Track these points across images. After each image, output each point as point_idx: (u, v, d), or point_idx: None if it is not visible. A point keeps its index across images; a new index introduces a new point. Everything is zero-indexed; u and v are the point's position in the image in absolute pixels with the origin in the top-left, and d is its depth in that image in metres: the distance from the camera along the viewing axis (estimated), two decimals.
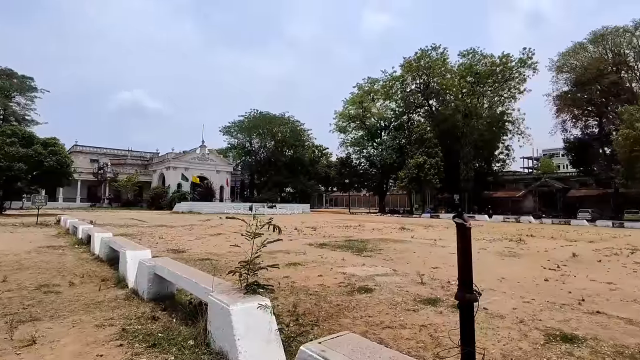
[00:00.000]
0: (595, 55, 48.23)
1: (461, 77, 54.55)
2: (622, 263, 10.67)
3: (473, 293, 1.91)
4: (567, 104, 50.62)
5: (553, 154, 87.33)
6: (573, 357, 3.86)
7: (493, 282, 7.58)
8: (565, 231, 24.96)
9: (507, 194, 58.78)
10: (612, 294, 6.86)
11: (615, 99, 46.82)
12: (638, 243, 16.88)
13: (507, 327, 4.78)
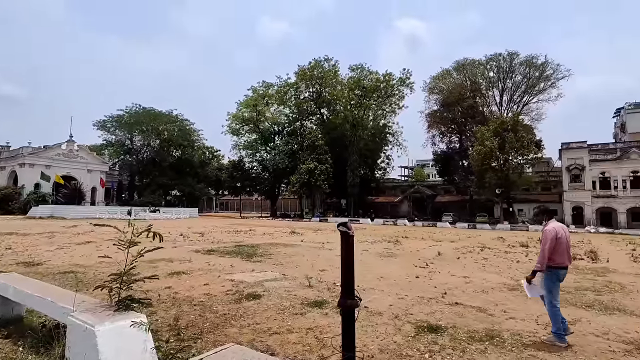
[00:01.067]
0: (458, 82, 56.59)
1: (350, 89, 58.36)
2: (474, 259, 12.58)
3: (354, 299, 2.01)
4: (436, 121, 58.19)
5: (425, 165, 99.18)
6: (437, 345, 4.35)
7: (373, 281, 8.18)
8: (432, 232, 28.50)
9: (387, 199, 64.69)
10: (466, 286, 8.01)
11: (472, 120, 55.45)
12: (486, 242, 20.14)
13: (384, 323, 5.18)
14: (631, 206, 43.92)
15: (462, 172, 56.33)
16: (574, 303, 6.63)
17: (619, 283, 8.64)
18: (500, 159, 43.80)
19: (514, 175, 44.62)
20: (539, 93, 53.69)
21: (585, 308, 6.31)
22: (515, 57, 52.95)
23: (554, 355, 4.15)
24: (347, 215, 54.93)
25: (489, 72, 55.55)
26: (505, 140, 42.73)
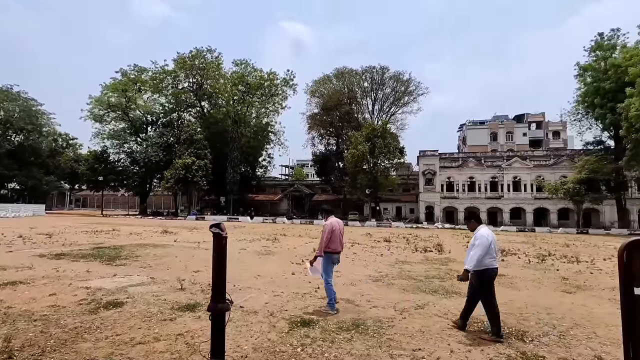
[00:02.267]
0: (337, 88, 60.29)
1: (234, 84, 56.88)
2: (345, 254, 13.54)
3: (225, 302, 1.95)
4: (316, 124, 60.88)
5: (304, 165, 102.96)
6: (309, 339, 4.55)
7: (250, 280, 8.14)
8: (309, 230, 29.77)
9: (267, 197, 65.07)
10: (337, 280, 8.53)
11: (348, 125, 59.66)
12: (356, 238, 21.94)
13: (260, 321, 5.20)
14: (467, 205, 53.09)
15: (338, 173, 60.19)
16: (423, 290, 7.69)
17: (457, 270, 10.32)
18: (370, 162, 48.17)
19: (382, 178, 49.57)
20: (404, 105, 60.96)
21: (432, 293, 7.38)
22: (386, 71, 58.99)
23: (406, 336, 4.75)
24: (226, 213, 53.45)
25: (364, 82, 60.68)
26: (375, 145, 47.18)
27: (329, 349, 4.24)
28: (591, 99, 40.68)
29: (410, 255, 13.94)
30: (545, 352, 4.33)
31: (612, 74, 37.89)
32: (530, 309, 6.34)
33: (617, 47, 40.90)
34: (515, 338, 4.78)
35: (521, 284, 8.54)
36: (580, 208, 43.51)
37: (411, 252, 14.87)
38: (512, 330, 5.07)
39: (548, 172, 50.48)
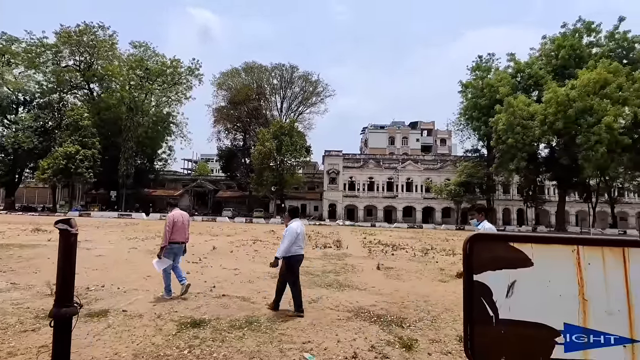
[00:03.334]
0: (246, 82, 59.11)
1: (131, 67, 51.86)
2: (246, 252, 13.39)
3: (74, 306, 1.75)
4: (223, 118, 58.85)
5: (209, 159, 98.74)
6: (198, 339, 4.37)
7: (139, 281, 7.52)
8: (211, 227, 28.64)
9: (166, 192, 60.83)
10: (235, 278, 8.42)
11: (256, 121, 58.94)
12: (259, 235, 21.78)
13: (144, 325, 4.83)
14: (367, 204, 56.69)
15: (244, 169, 59.11)
16: (319, 284, 7.97)
17: (352, 265, 10.96)
18: (277, 159, 48.32)
19: (288, 175, 50.11)
20: (312, 105, 62.52)
21: (326, 287, 7.70)
22: (295, 70, 59.76)
23: (298, 330, 4.87)
24: (117, 209, 48.54)
25: (273, 79, 60.61)
26: (282, 143, 47.48)
27: (218, 348, 4.14)
28: (470, 112, 46.73)
29: (310, 251, 14.33)
30: (419, 335, 4.83)
31: (487, 92, 44.00)
32: (411, 297, 7.02)
33: (491, 69, 47.63)
34: (396, 325, 5.24)
35: (406, 276, 9.41)
36: (459, 207, 49.66)
37: (311, 248, 15.30)
38: (394, 318, 5.55)
39: (435, 175, 56.49)
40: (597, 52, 42.09)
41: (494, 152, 43.01)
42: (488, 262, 1.95)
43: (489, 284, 1.93)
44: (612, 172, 38.69)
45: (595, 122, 33.00)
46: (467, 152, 54.06)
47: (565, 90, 35.49)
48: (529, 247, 1.98)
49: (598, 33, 42.75)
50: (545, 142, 41.13)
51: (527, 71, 44.92)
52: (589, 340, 1.91)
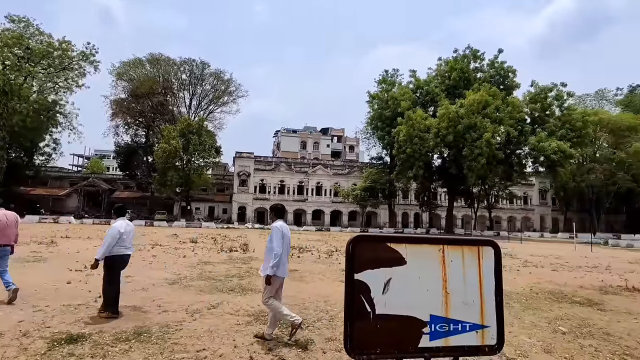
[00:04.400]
0: (151, 75, 54.87)
1: (6, 44, 44.32)
2: (142, 257, 12.36)
3: None
4: (122, 111, 53.73)
5: (104, 156, 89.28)
6: (74, 357, 3.89)
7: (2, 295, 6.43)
8: (103, 231, 25.84)
9: (49, 191, 53.37)
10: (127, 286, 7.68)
11: (161, 117, 55.04)
12: (159, 239, 20.33)
13: (4, 345, 4.14)
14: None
15: (146, 168, 54.74)
16: (220, 289, 7.72)
17: (257, 268, 10.81)
18: (183, 158, 45.73)
19: (195, 176, 47.68)
20: (223, 105, 60.53)
21: (228, 292, 7.49)
22: (207, 67, 57.32)
23: (193, 338, 4.64)
24: None
25: (182, 74, 57.27)
26: (190, 141, 45.08)
27: None
28: (376, 122, 49.92)
29: (214, 255, 13.83)
30: (316, 335, 4.96)
31: (391, 104, 47.48)
32: (313, 298, 7.19)
33: (396, 84, 51.55)
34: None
35: (309, 278, 9.62)
36: (364, 211, 52.58)
37: (216, 252, 14.78)
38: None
39: (343, 180, 59.01)
40: (481, 76, 48.38)
41: (395, 160, 46.46)
42: (368, 262, 2.10)
43: (368, 281, 2.07)
44: (490, 181, 44.74)
45: (478, 137, 37.83)
46: (373, 159, 57.61)
47: (455, 108, 40.05)
48: (403, 247, 2.17)
49: (482, 60, 49.18)
50: (438, 153, 45.81)
51: (425, 88, 49.64)
52: (449, 328, 2.16)
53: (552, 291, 8.72)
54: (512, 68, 47.44)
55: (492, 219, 56.95)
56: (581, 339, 5.13)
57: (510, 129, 39.82)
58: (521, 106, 43.33)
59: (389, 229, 49.36)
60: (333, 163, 65.36)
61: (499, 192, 55.03)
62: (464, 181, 42.70)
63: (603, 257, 19.19)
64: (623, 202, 61.31)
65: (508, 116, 40.20)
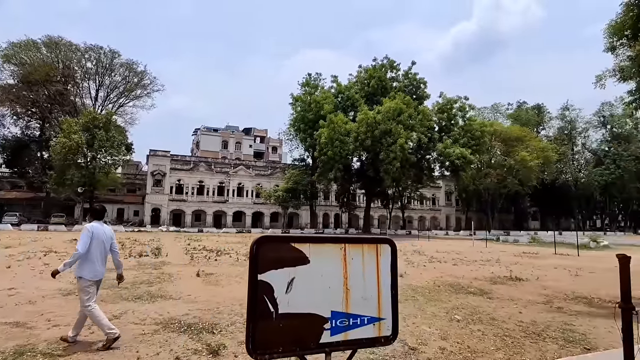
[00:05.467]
0: (48, 60, 48.64)
1: None
2: (32, 266, 10.90)
3: None
4: (10, 99, 46.80)
5: None
6: None
7: None
8: None
9: None
10: (9, 299, 6.74)
11: (60, 108, 49.11)
12: (55, 245, 18.11)
13: None
14: (195, 209, 54.22)
15: (40, 165, 48.42)
16: (126, 297, 7.13)
17: (169, 273, 10.22)
18: (87, 155, 41.36)
19: (101, 175, 43.36)
20: (136, 99, 55.99)
21: (134, 300, 6.95)
22: (117, 56, 52.53)
23: (88, 353, 4.22)
24: None
25: (87, 61, 51.76)
26: (95, 137, 40.90)
27: None
28: (299, 124, 50.44)
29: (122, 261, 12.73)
30: (229, 339, 4.84)
31: (314, 107, 48.37)
32: (228, 302, 7.00)
33: (318, 87, 52.64)
34: (207, 332, 5.12)
35: (225, 281, 9.35)
36: (286, 212, 52.74)
37: (124, 257, 13.61)
38: (206, 325, 5.42)
39: (266, 181, 58.54)
40: (397, 85, 51.70)
41: (317, 162, 47.41)
42: (271, 262, 2.11)
43: (272, 282, 2.09)
44: (403, 183, 47.98)
45: (393, 142, 40.34)
46: (295, 160, 58.09)
47: (373, 114, 42.22)
48: (307, 247, 2.23)
49: (398, 71, 52.57)
50: (357, 156, 47.84)
51: (346, 93, 51.51)
52: (349, 323, 2.27)
53: (451, 284, 9.63)
54: (423, 80, 51.48)
55: (405, 219, 61.10)
56: (472, 325, 5.75)
57: (421, 135, 43.15)
58: (431, 115, 47.25)
59: (310, 230, 50.20)
60: (255, 164, 64.46)
61: (411, 193, 59.29)
62: (380, 183, 45.15)
63: (495, 251, 21.74)
64: (512, 203, 70.33)
65: (419, 124, 43.53)
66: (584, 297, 8.22)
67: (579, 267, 13.91)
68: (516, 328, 5.63)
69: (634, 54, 11.49)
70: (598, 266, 14.17)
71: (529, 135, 59.87)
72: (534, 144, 58.33)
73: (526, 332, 5.40)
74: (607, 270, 12.38)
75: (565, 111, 73.96)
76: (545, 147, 60.22)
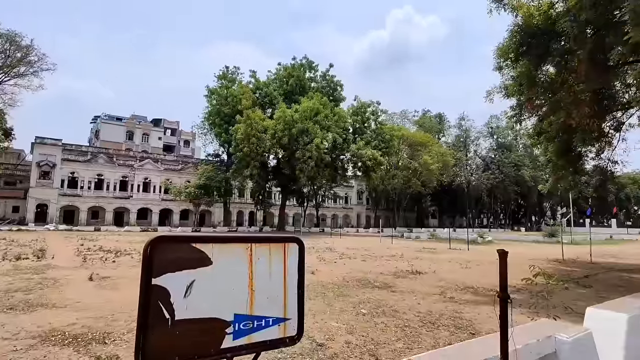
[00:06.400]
0: None
1: None
2: None
3: None
4: None
5: None
6: None
7: None
8: None
9: None
10: None
11: None
12: None
13: None
14: (92, 205, 48.79)
15: None
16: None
17: (53, 278, 8.99)
18: None
19: None
20: (18, 77, 48.24)
21: (6, 311, 5.96)
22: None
23: None
24: None
25: None
26: None
27: None
28: (214, 118, 48.52)
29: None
30: (123, 349, 4.40)
31: (231, 102, 46.94)
32: (125, 307, 6.38)
33: (236, 81, 51.19)
34: (97, 342, 4.60)
35: (124, 285, 8.54)
36: (198, 209, 50.32)
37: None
38: (96, 335, 4.86)
39: (176, 176, 55.14)
40: (315, 86, 52.67)
41: (232, 158, 46.05)
42: (169, 264, 1.93)
43: (168, 286, 1.91)
44: (318, 182, 49.07)
45: (309, 141, 41.00)
46: (209, 155, 55.70)
47: (291, 112, 42.41)
48: (210, 247, 2.09)
49: (316, 71, 53.57)
50: (274, 154, 47.61)
51: (265, 90, 50.97)
52: (253, 325, 2.18)
53: (359, 279, 10.09)
54: (340, 82, 53.25)
55: (319, 217, 62.60)
56: (376, 318, 6.07)
57: (336, 136, 44.57)
58: (346, 117, 49.08)
59: (224, 228, 48.61)
60: (165, 158, 60.18)
61: (325, 192, 60.99)
62: (296, 181, 45.57)
63: (399, 247, 23.41)
64: (415, 202, 76.56)
65: (335, 125, 44.92)
66: (471, 287, 9.25)
67: (468, 260, 15.65)
68: (415, 318, 6.08)
69: (515, 74, 13.29)
70: (483, 259, 16.11)
71: (431, 141, 65.68)
72: (435, 149, 64.17)
73: (423, 322, 5.87)
74: (490, 263, 14.14)
75: (462, 121, 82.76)
76: (444, 153, 66.65)
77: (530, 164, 73.59)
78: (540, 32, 11.60)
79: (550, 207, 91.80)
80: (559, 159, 14.83)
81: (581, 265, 14.51)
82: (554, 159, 15.37)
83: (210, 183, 47.54)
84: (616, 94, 12.89)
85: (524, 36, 11.90)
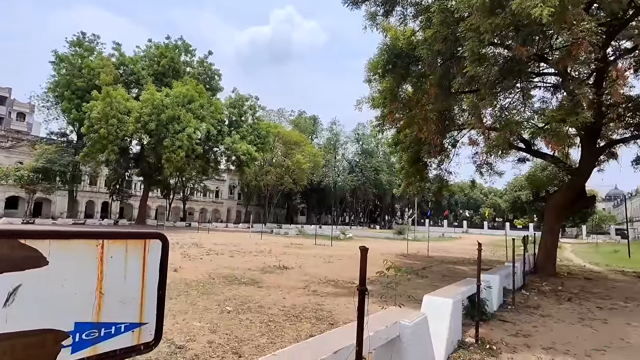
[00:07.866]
0: None
1: None
2: None
3: None
4: None
5: None
6: None
7: None
8: None
9: None
10: None
11: None
12: None
13: None
14: None
15: None
16: None
17: None
18: None
19: None
20: None
21: None
22: None
23: None
24: None
25: None
26: None
27: None
28: (63, 90, 41.22)
29: None
30: None
31: (86, 74, 40.54)
32: None
33: (94, 51, 44.40)
34: None
35: None
36: (32, 197, 42.07)
37: None
38: None
39: (3, 155, 45.09)
40: (190, 71, 49.38)
41: (84, 139, 39.86)
42: None
43: None
44: (187, 174, 46.18)
45: (181, 130, 38.26)
46: (52, 134, 47.06)
47: (161, 96, 38.86)
48: (46, 244, 1.72)
49: (193, 56, 50.28)
50: (137, 139, 42.97)
51: (131, 67, 45.57)
52: (100, 334, 1.89)
53: (226, 275, 9.85)
54: (218, 72, 51.14)
55: (185, 210, 59.01)
56: (241, 315, 6.00)
57: (211, 127, 42.65)
58: (222, 108, 47.40)
59: (67, 220, 41.67)
60: None
61: (195, 185, 57.82)
62: (161, 171, 42.02)
63: (268, 243, 23.71)
64: (286, 199, 78.72)
65: (210, 115, 42.94)
66: (333, 280, 9.95)
67: (331, 255, 16.81)
68: (279, 313, 6.22)
69: (382, 88, 14.83)
70: (344, 254, 17.51)
71: (305, 141, 68.39)
72: (308, 149, 67.05)
73: (287, 316, 6.04)
74: (350, 258, 15.45)
75: (333, 125, 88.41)
76: (316, 153, 70.16)
77: (387, 170, 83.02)
78: (404, 54, 13.21)
79: (400, 209, 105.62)
80: (410, 167, 17.17)
81: (421, 259, 17.06)
82: (406, 166, 17.71)
83: (52, 166, 40.21)
84: (455, 116, 15.52)
85: (390, 55, 13.37)
